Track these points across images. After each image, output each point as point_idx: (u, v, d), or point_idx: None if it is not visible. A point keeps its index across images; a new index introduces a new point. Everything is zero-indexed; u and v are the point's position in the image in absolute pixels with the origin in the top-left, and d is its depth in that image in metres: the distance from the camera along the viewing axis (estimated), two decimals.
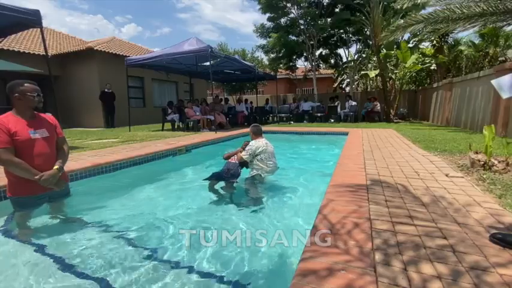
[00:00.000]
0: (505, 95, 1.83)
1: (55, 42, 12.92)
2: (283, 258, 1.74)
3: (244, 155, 3.06)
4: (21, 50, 10.05)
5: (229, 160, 3.18)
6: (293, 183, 3.36)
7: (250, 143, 3.15)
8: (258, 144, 3.10)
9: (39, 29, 4.72)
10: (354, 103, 11.85)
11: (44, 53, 5.08)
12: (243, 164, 3.14)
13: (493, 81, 1.92)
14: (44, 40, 4.82)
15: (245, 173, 3.25)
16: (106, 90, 10.84)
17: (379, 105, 11.82)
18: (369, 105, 11.97)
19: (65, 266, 1.61)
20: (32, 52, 10.28)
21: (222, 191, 3.10)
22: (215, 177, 3.02)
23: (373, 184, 2.45)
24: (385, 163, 3.34)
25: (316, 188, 3.08)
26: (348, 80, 17.63)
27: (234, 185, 3.09)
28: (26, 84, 1.98)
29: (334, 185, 2.42)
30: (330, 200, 2.03)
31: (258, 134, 3.27)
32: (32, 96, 1.98)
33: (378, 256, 1.28)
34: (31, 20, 4.47)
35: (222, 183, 3.13)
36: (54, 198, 2.22)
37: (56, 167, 2.02)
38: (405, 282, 1.10)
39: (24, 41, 10.95)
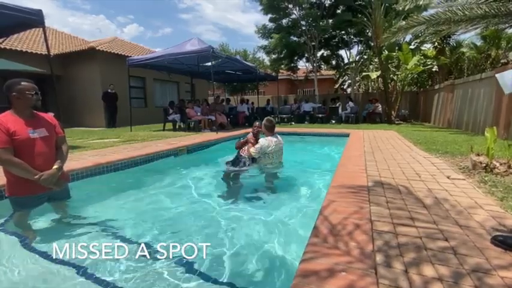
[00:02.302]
0: (507, 91, 1.84)
1: (57, 42, 12.97)
2: (283, 259, 1.74)
3: (254, 152, 3.21)
4: (24, 50, 10.09)
5: (241, 152, 3.48)
6: (294, 183, 3.35)
7: (261, 141, 3.26)
8: (269, 143, 3.22)
9: (41, 29, 4.74)
10: (352, 105, 11.84)
11: (46, 53, 5.10)
12: (253, 158, 3.37)
13: (498, 75, 1.92)
14: (46, 40, 4.84)
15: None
16: (109, 90, 10.86)
17: (380, 106, 11.80)
18: (370, 107, 11.96)
19: (64, 266, 1.61)
20: (34, 52, 10.33)
21: (225, 187, 3.11)
22: (231, 163, 3.37)
23: (374, 185, 2.45)
24: (386, 164, 3.33)
25: (317, 189, 3.08)
26: (350, 81, 17.62)
27: (241, 179, 3.18)
28: (23, 83, 1.94)
29: (335, 186, 2.41)
30: (331, 201, 2.02)
31: (271, 130, 3.32)
32: (30, 95, 1.95)
33: (378, 257, 1.28)
34: (34, 19, 4.48)
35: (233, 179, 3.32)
36: (54, 199, 2.20)
37: (55, 166, 2.01)
38: (406, 283, 1.09)
39: (26, 41, 10.99)
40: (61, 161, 2.10)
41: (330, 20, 14.71)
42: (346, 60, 16.92)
